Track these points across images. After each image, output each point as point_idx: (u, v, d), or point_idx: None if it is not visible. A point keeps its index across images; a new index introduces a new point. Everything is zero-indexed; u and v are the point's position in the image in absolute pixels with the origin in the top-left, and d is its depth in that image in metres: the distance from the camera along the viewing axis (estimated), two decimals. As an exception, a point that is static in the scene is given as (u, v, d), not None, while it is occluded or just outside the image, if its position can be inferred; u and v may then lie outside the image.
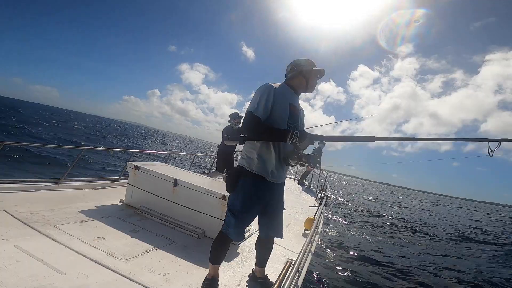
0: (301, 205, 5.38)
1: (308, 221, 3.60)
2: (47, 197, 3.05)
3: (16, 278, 1.48)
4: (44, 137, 17.23)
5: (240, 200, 1.66)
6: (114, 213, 2.94)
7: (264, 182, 1.67)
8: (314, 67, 1.79)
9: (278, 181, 1.74)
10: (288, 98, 1.71)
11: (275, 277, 2.12)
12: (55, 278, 1.56)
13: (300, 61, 1.79)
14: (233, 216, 1.68)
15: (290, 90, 1.77)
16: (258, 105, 1.59)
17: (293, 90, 1.79)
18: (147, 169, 3.12)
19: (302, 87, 1.80)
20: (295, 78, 1.79)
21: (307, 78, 1.78)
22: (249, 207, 1.67)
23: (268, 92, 1.61)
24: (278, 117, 1.63)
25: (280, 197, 1.85)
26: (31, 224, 2.22)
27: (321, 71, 1.82)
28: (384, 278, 5.05)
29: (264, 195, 1.71)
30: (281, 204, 1.87)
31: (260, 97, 1.61)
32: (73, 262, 1.78)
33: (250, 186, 1.66)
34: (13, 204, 2.56)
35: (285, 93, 1.71)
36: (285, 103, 1.68)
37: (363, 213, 13.70)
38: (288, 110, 1.68)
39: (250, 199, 1.66)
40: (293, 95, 1.77)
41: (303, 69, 1.76)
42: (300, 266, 2.04)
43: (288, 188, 7.62)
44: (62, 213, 2.62)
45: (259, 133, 1.61)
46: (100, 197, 3.40)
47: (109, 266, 1.81)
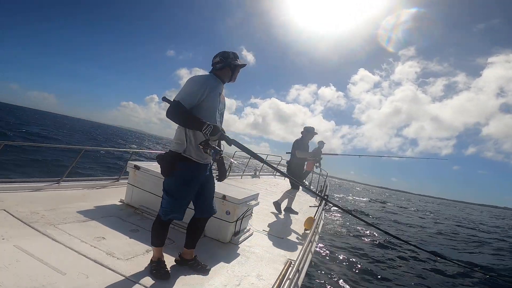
0: (301, 205, 5.38)
1: (308, 221, 3.60)
2: (47, 197, 3.05)
3: (16, 278, 1.48)
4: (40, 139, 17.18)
5: (176, 183, 1.81)
6: (114, 213, 2.94)
7: (195, 164, 1.84)
8: (240, 61, 1.98)
9: (204, 161, 1.89)
10: (218, 88, 1.91)
11: (275, 277, 2.12)
12: (55, 278, 1.56)
13: (229, 53, 1.96)
14: (171, 198, 1.81)
15: (218, 80, 1.95)
16: (188, 95, 1.75)
17: (220, 79, 1.97)
18: (147, 169, 3.12)
19: (227, 77, 1.99)
20: (223, 69, 1.96)
21: (233, 70, 1.97)
22: (185, 188, 1.83)
23: (202, 85, 1.79)
24: (211, 106, 1.84)
25: (210, 177, 2.03)
26: (31, 224, 2.22)
27: (243, 67, 2.03)
28: (385, 277, 5.05)
29: (198, 175, 1.88)
30: (211, 183, 2.05)
31: (191, 88, 1.77)
32: (73, 262, 1.78)
33: (184, 169, 1.81)
34: (13, 204, 2.56)
35: (216, 83, 1.90)
36: (216, 92, 1.88)
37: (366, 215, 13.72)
38: (218, 98, 1.90)
39: (186, 180, 1.82)
40: (220, 84, 1.96)
41: (231, 62, 1.94)
42: (300, 266, 2.04)
43: (288, 187, 7.61)
44: (62, 213, 2.62)
45: (182, 120, 1.77)
46: (100, 197, 3.40)
47: (109, 266, 1.81)
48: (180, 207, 1.84)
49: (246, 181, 7.27)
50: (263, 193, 5.60)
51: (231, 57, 1.95)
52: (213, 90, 1.84)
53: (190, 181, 1.84)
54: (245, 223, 3.01)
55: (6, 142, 3.09)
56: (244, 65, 2.03)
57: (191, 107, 1.76)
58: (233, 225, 2.74)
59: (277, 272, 2.19)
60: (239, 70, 2.02)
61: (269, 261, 1.99)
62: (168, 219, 1.85)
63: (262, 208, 4.31)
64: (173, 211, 1.82)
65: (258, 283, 2.06)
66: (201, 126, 1.71)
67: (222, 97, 1.99)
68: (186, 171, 1.82)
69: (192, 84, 1.78)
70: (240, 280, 2.05)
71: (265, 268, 2.29)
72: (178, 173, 1.81)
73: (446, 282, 5.35)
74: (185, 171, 1.82)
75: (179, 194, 1.82)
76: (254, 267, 2.28)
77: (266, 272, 2.23)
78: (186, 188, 1.83)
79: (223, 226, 2.70)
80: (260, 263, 2.41)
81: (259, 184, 7.29)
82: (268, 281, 2.10)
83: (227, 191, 2.79)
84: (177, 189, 1.81)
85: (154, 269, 1.85)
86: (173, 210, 1.82)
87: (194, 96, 1.76)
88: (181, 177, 1.81)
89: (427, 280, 5.23)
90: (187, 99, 1.75)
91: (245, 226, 3.03)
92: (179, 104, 1.73)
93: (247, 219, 3.09)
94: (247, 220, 3.10)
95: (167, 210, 1.82)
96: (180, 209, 1.85)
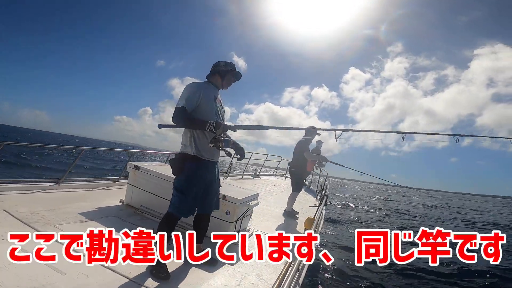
0: (301, 205, 5.38)
1: (308, 221, 3.60)
2: (47, 197, 3.05)
3: (16, 278, 1.48)
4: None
5: (185, 180, 1.97)
6: (114, 213, 2.94)
7: (202, 162, 2.00)
8: (231, 69, 2.13)
9: (211, 159, 2.06)
10: (212, 92, 2.08)
11: (275, 277, 2.12)
12: (55, 278, 1.56)
13: (220, 63, 2.15)
14: (180, 194, 1.97)
15: (212, 86, 2.13)
16: (187, 100, 1.92)
17: (214, 85, 2.14)
18: (147, 169, 3.12)
19: (219, 84, 2.16)
20: (213, 76, 2.14)
21: (222, 76, 2.13)
22: (193, 184, 1.99)
23: (194, 89, 1.96)
24: (207, 107, 2.00)
25: (217, 175, 2.21)
26: (31, 224, 2.22)
27: (236, 73, 2.17)
28: (385, 277, 5.05)
29: (205, 173, 2.05)
30: (218, 181, 2.23)
31: (188, 93, 1.94)
32: (73, 262, 1.78)
33: (192, 168, 1.98)
34: (13, 204, 2.56)
35: (209, 88, 2.08)
36: (211, 96, 2.04)
37: (366, 212, 13.71)
38: (214, 101, 2.06)
39: (193, 177, 1.99)
40: (215, 90, 2.13)
41: (220, 69, 2.12)
42: (300, 266, 2.04)
43: (288, 187, 7.62)
44: (62, 213, 2.62)
45: (187, 123, 1.96)
46: (100, 197, 3.40)
47: (109, 266, 1.81)
48: (188, 202, 1.99)
49: (246, 181, 7.27)
50: (263, 193, 5.61)
51: (221, 65, 2.13)
52: (206, 94, 2.00)
53: (197, 178, 2.00)
54: (245, 223, 3.01)
55: (6, 143, 3.10)
56: (234, 72, 2.16)
57: (192, 110, 1.94)
58: (233, 225, 2.74)
59: (277, 272, 2.19)
60: (230, 78, 2.17)
61: (269, 261, 1.99)
62: (176, 215, 1.99)
63: (262, 208, 4.31)
64: (181, 207, 1.97)
65: (258, 283, 2.06)
66: (204, 125, 1.91)
67: (219, 101, 2.14)
68: (194, 169, 1.98)
69: (189, 89, 1.97)
70: (240, 280, 2.05)
71: (265, 268, 2.29)
72: (186, 172, 1.98)
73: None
74: (192, 169, 1.98)
75: (188, 190, 1.97)
76: (254, 267, 2.28)
77: (266, 272, 2.24)
78: (193, 184, 1.99)
79: (223, 226, 2.70)
80: (260, 263, 2.41)
81: (259, 184, 7.29)
82: (268, 281, 2.10)
83: (227, 191, 2.79)
84: (186, 186, 1.97)
85: (154, 270, 1.86)
86: (181, 205, 1.97)
87: (192, 100, 1.93)
88: (189, 175, 1.98)
89: (427, 281, 5.23)
90: (188, 104, 1.92)
91: (245, 226, 3.03)
92: (183, 108, 1.91)
93: (247, 219, 3.10)
94: (247, 220, 3.10)
95: (176, 205, 1.98)
96: (188, 204, 2.00)
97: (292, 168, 4.79)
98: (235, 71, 2.16)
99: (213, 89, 2.11)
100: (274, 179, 9.32)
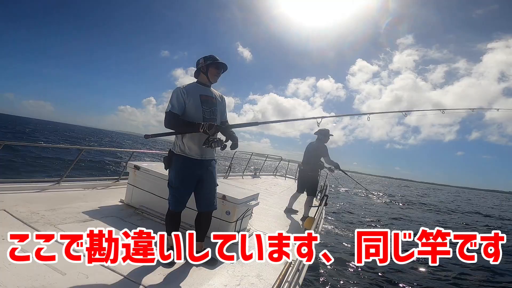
0: (301, 205, 5.38)
1: (308, 220, 3.60)
2: (47, 197, 3.05)
3: (16, 278, 1.48)
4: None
5: (173, 175, 2.08)
6: (114, 213, 2.94)
7: (188, 159, 2.06)
8: (210, 62, 2.10)
9: (199, 157, 2.09)
10: (198, 91, 2.10)
11: (275, 277, 2.12)
12: (55, 278, 1.56)
13: (199, 60, 2.15)
14: (170, 188, 2.09)
15: (199, 85, 2.15)
16: (173, 104, 1.98)
17: (202, 84, 2.16)
18: (147, 169, 3.12)
19: (205, 79, 2.15)
20: (198, 75, 2.18)
21: (205, 72, 2.13)
22: (181, 179, 2.07)
23: (178, 92, 2.00)
24: (192, 106, 2.03)
25: (211, 174, 2.19)
26: (31, 224, 2.22)
27: (218, 63, 2.12)
28: (386, 277, 5.05)
29: (192, 169, 2.08)
30: (212, 180, 2.20)
31: (174, 98, 1.99)
32: (73, 262, 1.78)
33: (178, 164, 2.07)
34: (13, 204, 2.56)
35: (194, 87, 2.11)
36: (196, 94, 2.07)
37: (366, 210, 13.70)
38: (199, 99, 2.07)
39: (180, 173, 2.07)
40: (203, 88, 2.14)
41: (200, 67, 2.14)
42: (300, 266, 2.04)
43: (288, 187, 7.63)
44: (62, 213, 2.62)
45: (180, 128, 2.01)
46: (100, 197, 3.40)
47: (109, 266, 1.81)
48: (177, 196, 2.08)
49: (246, 181, 7.27)
50: (263, 193, 5.60)
51: (200, 62, 2.13)
52: (190, 94, 2.05)
53: (184, 174, 2.07)
54: (245, 223, 3.01)
55: (6, 142, 3.10)
56: (213, 62, 2.10)
57: (182, 113, 2.01)
58: (233, 225, 2.74)
59: (277, 272, 2.19)
60: (213, 71, 2.13)
61: (269, 261, 1.99)
62: (173, 209, 2.09)
63: (262, 208, 4.31)
64: (172, 200, 2.08)
65: (258, 283, 2.06)
66: (197, 127, 1.94)
67: (208, 98, 2.14)
68: (180, 165, 2.07)
69: (175, 93, 2.02)
70: (240, 280, 2.05)
71: (265, 268, 2.29)
72: (173, 167, 2.09)
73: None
74: (179, 165, 2.07)
75: (176, 184, 2.07)
76: (254, 267, 2.28)
77: (266, 272, 2.23)
78: (181, 179, 2.07)
79: (223, 226, 2.70)
80: (260, 263, 2.41)
81: (259, 184, 7.29)
82: (268, 281, 2.10)
83: (227, 191, 2.79)
84: (174, 181, 2.08)
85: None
86: (172, 199, 2.09)
87: (179, 103, 1.99)
88: (176, 170, 2.08)
89: (427, 281, 5.23)
90: (176, 106, 1.98)
91: (245, 226, 3.03)
92: (171, 113, 1.97)
93: (247, 219, 3.09)
94: (247, 220, 3.10)
95: (169, 200, 2.11)
96: (178, 198, 2.08)
97: (310, 172, 4.60)
98: (215, 62, 2.11)
99: (200, 88, 2.12)
100: (274, 179, 9.32)
